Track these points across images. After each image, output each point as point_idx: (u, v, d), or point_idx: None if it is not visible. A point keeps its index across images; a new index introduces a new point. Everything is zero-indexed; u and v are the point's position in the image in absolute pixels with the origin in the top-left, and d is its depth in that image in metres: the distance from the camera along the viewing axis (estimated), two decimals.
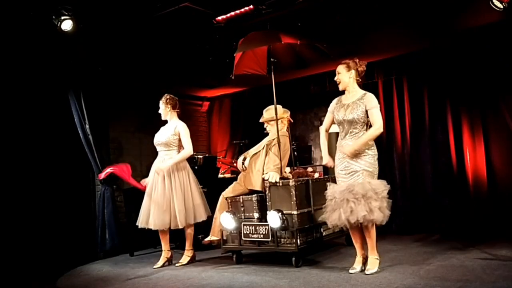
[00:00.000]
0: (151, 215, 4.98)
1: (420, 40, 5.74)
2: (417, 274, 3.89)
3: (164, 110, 5.22)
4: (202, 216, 5.12)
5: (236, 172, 6.29)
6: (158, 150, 5.22)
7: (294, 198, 4.59)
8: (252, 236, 4.75)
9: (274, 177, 4.74)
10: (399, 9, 5.13)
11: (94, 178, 6.48)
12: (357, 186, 3.94)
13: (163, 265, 5.10)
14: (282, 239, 4.58)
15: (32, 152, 6.13)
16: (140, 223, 5.04)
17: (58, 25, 5.10)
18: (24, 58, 5.56)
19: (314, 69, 6.48)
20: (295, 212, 4.56)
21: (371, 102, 4.08)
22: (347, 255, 4.89)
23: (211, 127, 8.39)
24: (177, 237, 5.67)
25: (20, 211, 5.92)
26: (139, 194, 5.48)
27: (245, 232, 4.80)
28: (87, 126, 6.05)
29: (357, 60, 4.25)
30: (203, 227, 5.58)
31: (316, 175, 5.53)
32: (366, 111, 4.07)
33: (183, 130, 5.13)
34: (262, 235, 4.68)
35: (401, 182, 6.29)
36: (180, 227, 4.98)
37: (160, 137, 5.17)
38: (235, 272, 4.55)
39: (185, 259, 5.14)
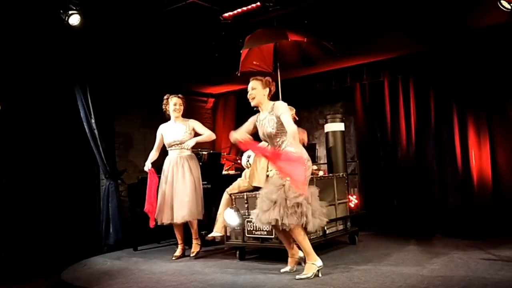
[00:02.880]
0: (176, 210, 5.09)
1: (427, 40, 5.72)
2: (420, 273, 3.89)
3: (182, 110, 5.36)
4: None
5: (240, 169, 6.30)
6: (172, 149, 5.31)
7: None
8: (256, 232, 4.76)
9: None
10: (406, 9, 5.12)
11: (99, 173, 6.52)
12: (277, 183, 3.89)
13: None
14: None
15: (38, 147, 6.17)
16: (165, 219, 5.11)
17: (66, 19, 5.13)
18: (32, 52, 5.58)
19: (320, 67, 6.49)
20: None
21: (279, 109, 3.94)
22: (350, 253, 4.90)
23: (216, 124, 8.40)
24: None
25: (26, 204, 5.97)
26: (144, 188, 5.50)
27: (248, 229, 4.82)
28: (93, 121, 6.08)
29: (270, 79, 4.18)
30: (207, 223, 5.61)
31: (321, 173, 5.53)
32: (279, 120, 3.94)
33: (197, 124, 5.39)
34: (265, 232, 4.68)
35: (405, 181, 6.28)
36: (200, 218, 5.22)
37: (176, 137, 5.27)
38: (238, 268, 4.56)
39: (196, 247, 5.27)
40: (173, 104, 5.31)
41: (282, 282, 3.91)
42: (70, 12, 5.11)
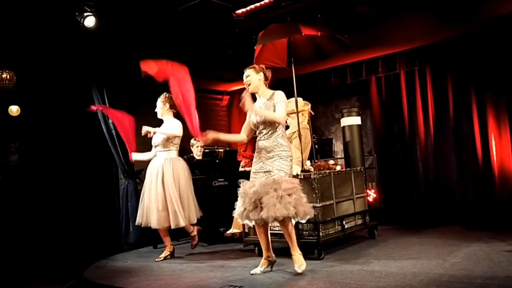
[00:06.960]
0: (180, 213, 5.06)
1: (443, 29, 5.63)
2: (442, 266, 3.85)
3: (162, 108, 5.25)
4: None
5: None
6: (156, 151, 5.25)
7: (316, 191, 4.59)
8: (274, 228, 4.75)
9: (295, 169, 4.73)
10: None
11: (118, 172, 6.59)
12: (267, 182, 3.85)
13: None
14: (304, 232, 4.58)
15: (57, 148, 6.27)
16: (175, 224, 5.08)
17: (81, 21, 5.20)
18: (49, 54, 5.67)
19: (335, 61, 6.44)
20: (317, 205, 4.55)
21: (278, 98, 4.01)
22: (370, 247, 4.87)
23: (231, 121, 8.42)
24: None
25: (47, 205, 6.07)
26: None
27: None
28: (110, 121, 6.14)
29: (263, 66, 4.21)
30: (225, 220, 5.62)
31: (338, 168, 5.50)
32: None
33: (168, 121, 5.19)
34: None
35: (424, 174, 6.22)
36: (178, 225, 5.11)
37: (156, 139, 5.16)
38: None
39: (166, 253, 5.25)
40: (157, 104, 5.27)
41: (302, 277, 3.90)
42: (85, 14, 5.18)
